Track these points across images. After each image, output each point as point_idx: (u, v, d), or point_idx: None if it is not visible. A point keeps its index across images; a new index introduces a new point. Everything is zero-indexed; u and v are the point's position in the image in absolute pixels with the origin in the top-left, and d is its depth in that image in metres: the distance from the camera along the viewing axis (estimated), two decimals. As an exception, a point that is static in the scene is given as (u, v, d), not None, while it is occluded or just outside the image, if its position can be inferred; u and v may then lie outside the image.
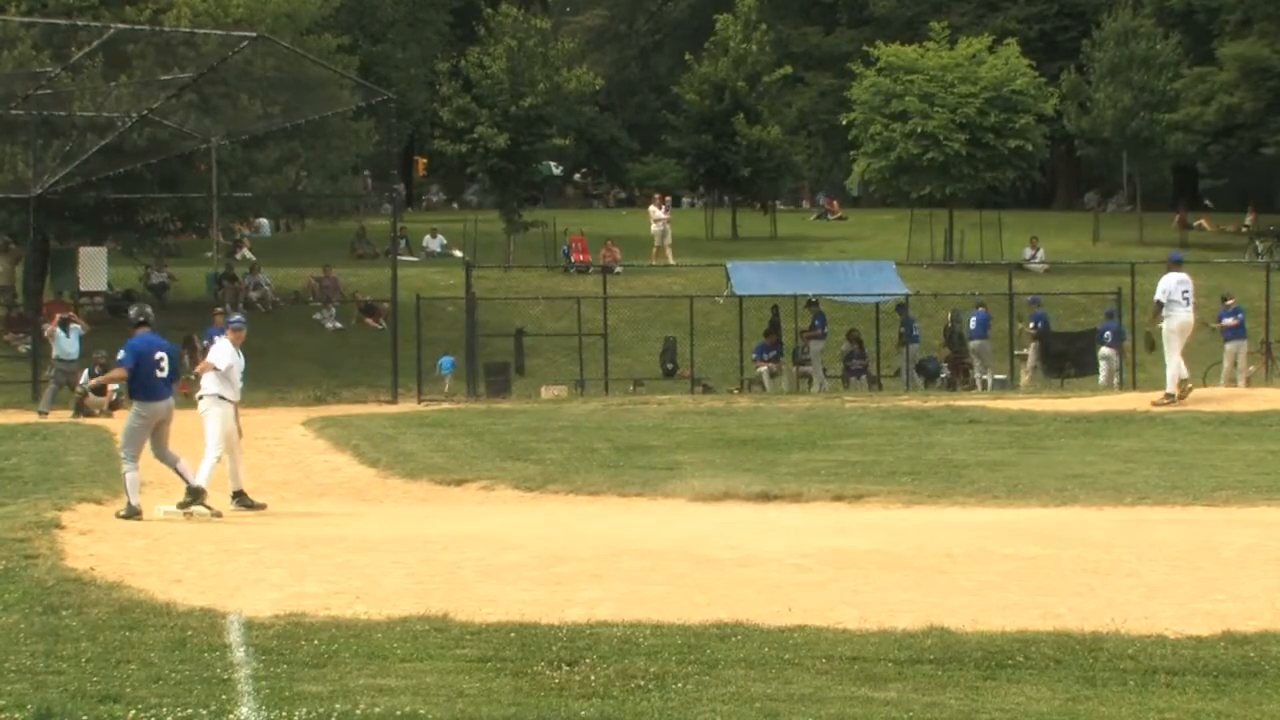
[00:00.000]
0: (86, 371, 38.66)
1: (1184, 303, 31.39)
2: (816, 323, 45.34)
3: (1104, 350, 43.94)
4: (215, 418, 21.89)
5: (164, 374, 20.82)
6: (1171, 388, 31.45)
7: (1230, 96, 69.50)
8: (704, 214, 71.03)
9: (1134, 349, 43.84)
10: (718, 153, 67.54)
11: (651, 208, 62.36)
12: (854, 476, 23.57)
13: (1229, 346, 41.51)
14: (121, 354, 21.39)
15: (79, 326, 40.42)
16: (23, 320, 47.32)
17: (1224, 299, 42.70)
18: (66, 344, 39.47)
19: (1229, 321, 41.56)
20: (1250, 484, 21.82)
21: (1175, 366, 31.58)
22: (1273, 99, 69.61)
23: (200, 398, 22.28)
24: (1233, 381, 40.49)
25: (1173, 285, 31.59)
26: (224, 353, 22.09)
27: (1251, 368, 42.92)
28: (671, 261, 57.89)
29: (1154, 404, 31.35)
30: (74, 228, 50.45)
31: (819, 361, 45.19)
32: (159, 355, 20.87)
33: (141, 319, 21.46)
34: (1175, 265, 32.50)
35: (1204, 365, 42.23)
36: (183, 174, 49.20)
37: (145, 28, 45.21)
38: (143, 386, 20.95)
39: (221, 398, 21.95)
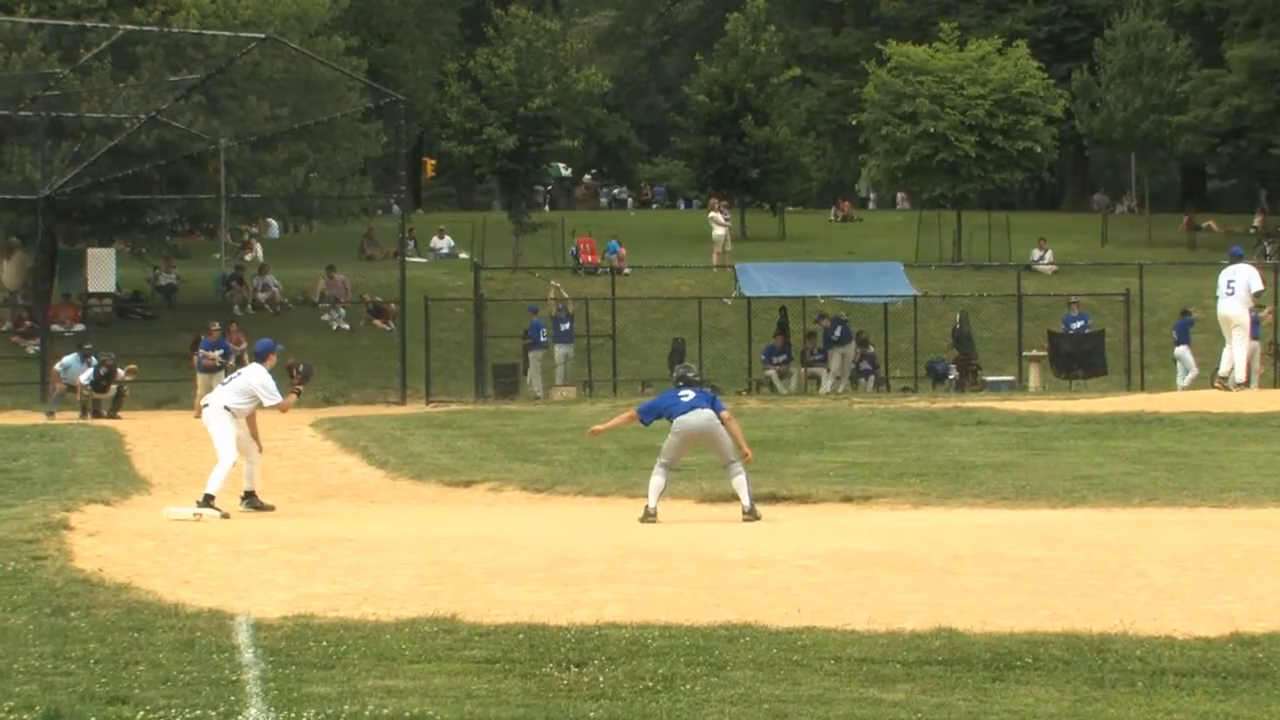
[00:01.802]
0: (90, 370, 38.68)
1: (1225, 293, 32.50)
2: (843, 333, 45.10)
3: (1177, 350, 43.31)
4: (226, 425, 22.05)
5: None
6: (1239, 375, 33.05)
7: (1239, 98, 69.50)
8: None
9: (1141, 350, 43.85)
10: (726, 154, 67.57)
11: (713, 213, 62.13)
12: (862, 478, 23.57)
13: (1250, 344, 41.60)
14: None
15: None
16: (30, 322, 47.35)
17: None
18: (75, 373, 39.24)
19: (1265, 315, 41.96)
20: (1259, 485, 21.80)
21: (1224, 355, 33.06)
22: (1282, 100, 69.65)
23: (205, 405, 22.60)
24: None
25: (1220, 279, 32.78)
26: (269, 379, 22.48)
27: (1261, 369, 42.85)
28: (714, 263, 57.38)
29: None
30: (82, 229, 50.51)
31: (839, 369, 44.93)
32: None
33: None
34: (1232, 258, 33.64)
35: (1212, 366, 42.21)
36: (191, 175, 49.25)
37: (154, 29, 45.28)
38: None
39: (227, 408, 22.15)
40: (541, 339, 43.66)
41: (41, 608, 13.27)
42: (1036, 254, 59.27)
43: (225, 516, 21.06)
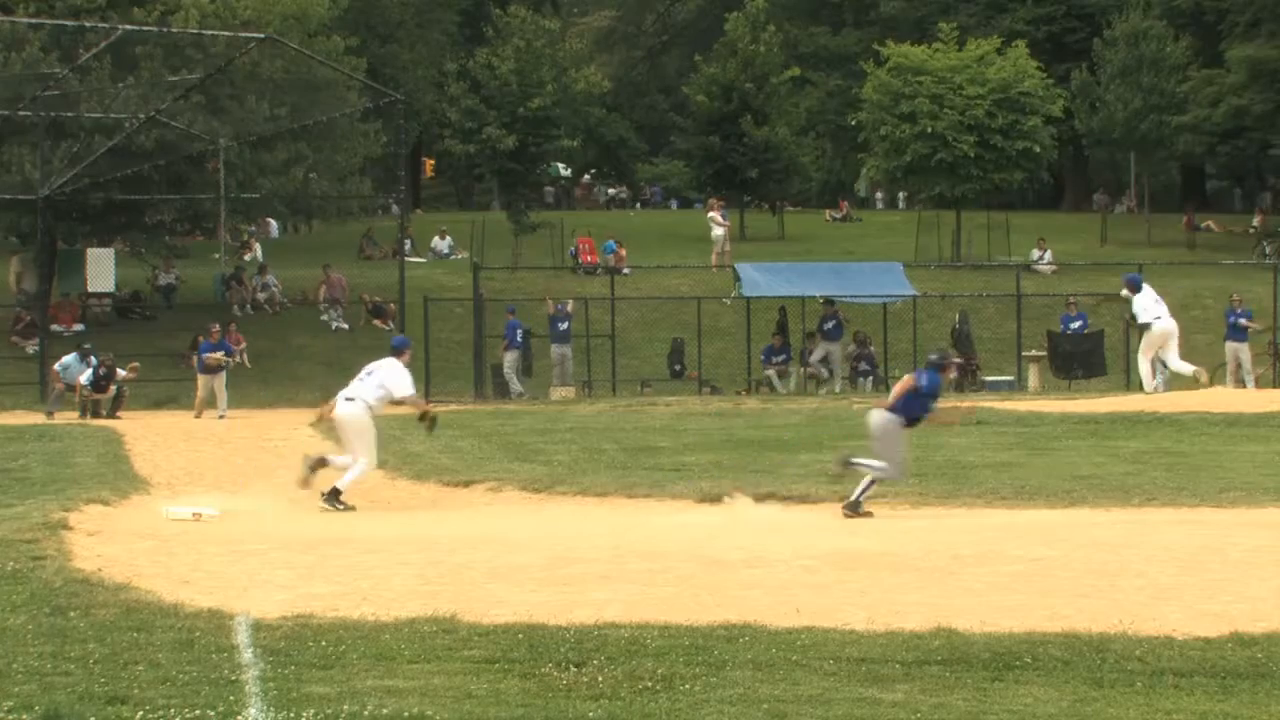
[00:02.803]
0: (89, 371, 38.66)
1: (1166, 313, 33.99)
2: (827, 324, 45.12)
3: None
4: (368, 424, 22.94)
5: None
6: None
7: (1239, 98, 69.55)
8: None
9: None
10: (725, 154, 67.57)
11: (712, 213, 62.06)
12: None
13: (1230, 346, 41.96)
14: None
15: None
16: (30, 322, 47.35)
17: (1234, 298, 42.99)
18: (75, 373, 39.26)
19: (1242, 322, 42.10)
20: (1258, 485, 21.79)
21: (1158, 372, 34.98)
22: (1282, 100, 69.70)
23: (351, 400, 23.26)
24: (1240, 383, 40.60)
25: (1156, 302, 34.10)
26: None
27: (1259, 369, 42.95)
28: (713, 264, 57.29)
29: None
30: (81, 229, 50.51)
31: (832, 363, 44.96)
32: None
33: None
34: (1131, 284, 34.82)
35: (1210, 367, 42.30)
36: (191, 175, 49.26)
37: (153, 29, 45.28)
38: None
39: (369, 405, 23.08)
40: (518, 339, 43.71)
41: (41, 607, 13.27)
42: (1036, 254, 59.30)
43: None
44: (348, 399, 22.99)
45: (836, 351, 45.06)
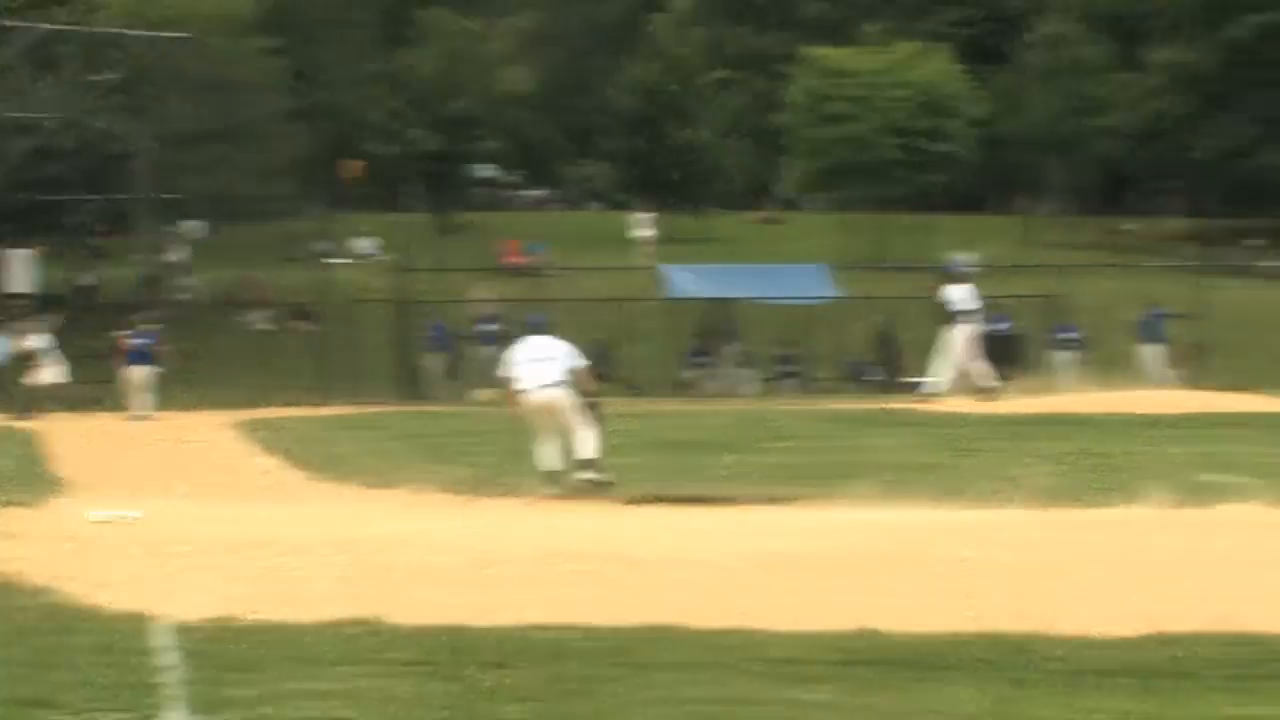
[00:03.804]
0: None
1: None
2: (723, 325, 45.50)
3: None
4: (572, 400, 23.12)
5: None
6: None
7: (1159, 101, 70.04)
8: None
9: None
10: (649, 156, 67.58)
11: (637, 215, 61.95)
12: (787, 479, 23.57)
13: (1142, 349, 42.71)
14: None
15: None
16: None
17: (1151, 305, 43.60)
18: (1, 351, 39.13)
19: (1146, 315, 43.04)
20: (1178, 486, 21.90)
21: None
22: (1201, 103, 70.14)
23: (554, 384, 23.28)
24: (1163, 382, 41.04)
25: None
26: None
27: (1182, 369, 43.33)
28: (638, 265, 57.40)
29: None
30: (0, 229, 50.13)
31: (729, 363, 45.27)
32: None
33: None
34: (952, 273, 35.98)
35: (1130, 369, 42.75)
36: (111, 175, 48.95)
37: (73, 28, 44.98)
38: None
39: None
40: (441, 341, 43.84)
41: (-41, 611, 13.14)
42: (960, 256, 59.43)
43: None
44: (547, 385, 23.03)
45: (730, 351, 45.34)
